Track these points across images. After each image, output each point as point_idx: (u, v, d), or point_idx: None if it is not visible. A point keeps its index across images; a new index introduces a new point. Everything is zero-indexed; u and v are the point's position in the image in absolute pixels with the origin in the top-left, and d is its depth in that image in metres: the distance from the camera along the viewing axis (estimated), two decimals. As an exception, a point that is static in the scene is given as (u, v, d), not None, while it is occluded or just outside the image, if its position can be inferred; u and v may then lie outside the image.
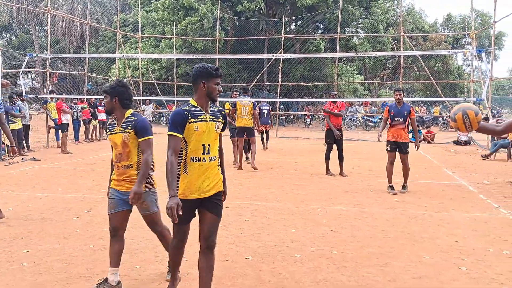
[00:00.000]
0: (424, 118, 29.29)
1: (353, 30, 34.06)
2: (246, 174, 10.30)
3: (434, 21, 40.02)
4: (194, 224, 3.68)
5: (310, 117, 30.26)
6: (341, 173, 10.31)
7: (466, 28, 30.17)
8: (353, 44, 31.97)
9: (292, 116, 31.60)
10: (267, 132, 15.85)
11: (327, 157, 10.50)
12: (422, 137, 19.71)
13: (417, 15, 37.25)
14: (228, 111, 11.74)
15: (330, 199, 7.74)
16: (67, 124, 14.84)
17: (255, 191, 8.29)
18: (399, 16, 24.98)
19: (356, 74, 39.34)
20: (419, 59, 24.20)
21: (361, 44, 31.02)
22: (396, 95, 8.85)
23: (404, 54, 23.49)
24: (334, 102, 10.63)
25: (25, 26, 40.29)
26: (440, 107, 31.89)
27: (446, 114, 29.29)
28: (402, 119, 8.65)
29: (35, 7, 31.14)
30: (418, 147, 8.68)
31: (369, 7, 30.62)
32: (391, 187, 8.59)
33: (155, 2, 32.46)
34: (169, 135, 3.45)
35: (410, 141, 9.05)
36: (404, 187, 8.64)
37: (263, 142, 15.77)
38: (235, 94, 11.94)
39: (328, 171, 10.44)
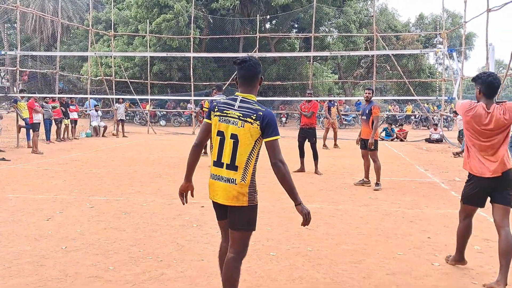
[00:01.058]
0: (397, 116, 29.73)
1: (327, 29, 34.31)
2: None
3: (407, 21, 40.67)
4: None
5: (285, 115, 30.36)
6: (316, 171, 10.39)
7: (438, 28, 30.71)
8: (327, 44, 32.20)
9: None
10: None
11: (300, 155, 10.69)
12: (395, 135, 20.02)
13: (390, 15, 37.76)
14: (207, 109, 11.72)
15: (305, 197, 7.76)
16: (39, 123, 14.56)
17: (230, 190, 8.26)
18: (372, 16, 25.27)
19: (331, 73, 39.66)
20: (392, 59, 24.56)
21: (335, 43, 31.28)
22: (366, 93, 9.04)
23: (377, 53, 23.81)
24: (308, 102, 10.76)
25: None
26: (413, 105, 32.45)
27: (418, 112, 29.82)
28: (365, 117, 8.84)
29: (3, 3, 30.38)
30: (370, 145, 8.71)
31: (343, 7, 30.89)
32: (364, 181, 8.97)
33: (128, -1, 32.06)
34: (278, 139, 3.17)
35: (382, 139, 9.18)
36: (377, 184, 8.74)
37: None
38: (215, 93, 11.89)
39: (299, 169, 10.56)
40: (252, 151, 3.16)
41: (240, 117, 3.12)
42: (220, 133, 3.19)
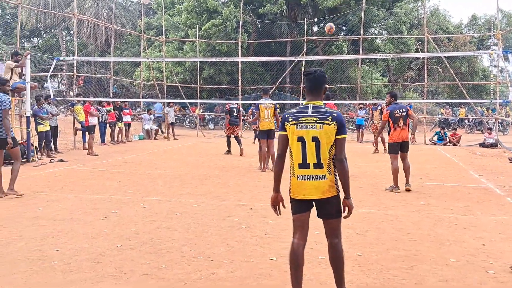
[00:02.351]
0: (449, 120, 28.86)
1: (376, 31, 33.77)
2: (269, 176, 10.32)
3: (459, 22, 39.40)
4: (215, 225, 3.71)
5: (333, 119, 30.09)
6: None
7: (492, 29, 29.63)
8: (376, 46, 31.70)
9: (315, 119, 31.48)
10: (236, 137, 14.93)
11: None
12: (448, 140, 19.46)
13: (441, 16, 36.73)
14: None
15: (354, 202, 7.61)
16: (94, 126, 15.14)
17: (278, 193, 8.31)
18: (423, 17, 24.70)
19: (380, 75, 39.00)
20: (444, 61, 23.89)
21: (384, 45, 30.74)
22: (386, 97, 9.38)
23: (428, 55, 23.22)
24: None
25: (52, 30, 41.14)
26: (466, 109, 31.37)
27: (471, 116, 28.82)
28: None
29: (61, 12, 31.78)
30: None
31: (392, 8, 30.33)
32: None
33: (179, 5, 32.79)
34: (346, 137, 3.66)
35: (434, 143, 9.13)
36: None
37: (229, 146, 14.96)
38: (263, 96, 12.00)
39: None
40: (331, 148, 3.59)
41: (317, 121, 3.56)
42: (300, 139, 3.58)
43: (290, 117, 3.63)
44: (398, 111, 8.91)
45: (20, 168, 8.45)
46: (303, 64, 23.16)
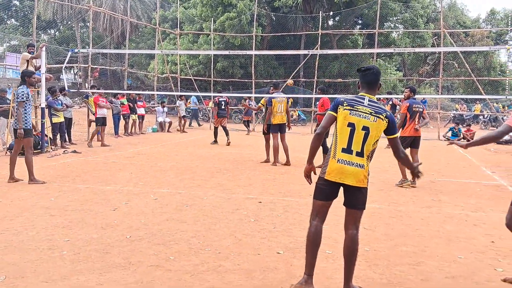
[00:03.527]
0: (464, 116, 28.53)
1: (392, 25, 33.42)
2: (280, 170, 10.35)
3: (477, 17, 38.85)
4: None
5: (347, 113, 29.94)
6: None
7: (510, 24, 29.16)
8: (392, 40, 31.39)
9: (328, 113, 31.32)
10: (224, 127, 15.80)
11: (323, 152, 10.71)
12: (462, 136, 19.26)
13: (458, 11, 36.24)
14: (261, 106, 12.08)
15: (364, 197, 7.68)
16: (103, 118, 14.92)
17: (288, 187, 8.33)
18: (440, 11, 24.39)
19: (395, 70, 38.64)
20: (460, 55, 23.60)
21: (401, 39, 30.45)
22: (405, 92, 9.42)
23: (444, 50, 22.97)
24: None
25: (68, 22, 41.49)
26: (481, 105, 30.97)
27: (487, 112, 28.45)
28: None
29: (78, 4, 32.03)
30: None
31: (409, 2, 29.99)
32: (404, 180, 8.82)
33: (194, -2, 32.83)
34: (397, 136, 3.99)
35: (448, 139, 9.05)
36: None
37: (216, 137, 15.91)
38: (272, 90, 11.94)
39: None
40: (375, 142, 3.77)
41: (372, 113, 3.71)
42: (351, 125, 3.72)
43: (345, 102, 3.77)
44: (417, 106, 8.93)
45: (34, 159, 8.68)
46: (317, 58, 23.04)
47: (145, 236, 5.25)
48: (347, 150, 3.71)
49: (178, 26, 26.67)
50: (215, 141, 15.87)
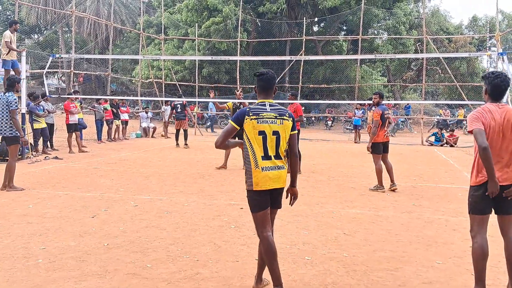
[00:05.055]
0: (448, 121, 28.82)
1: (375, 31, 33.72)
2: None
3: (459, 23, 39.36)
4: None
5: (332, 119, 30.09)
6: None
7: (492, 30, 29.59)
8: (376, 46, 31.65)
9: (313, 118, 31.43)
10: (185, 130, 16.44)
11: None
12: (445, 140, 19.44)
13: (441, 17, 36.67)
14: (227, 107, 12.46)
15: (345, 202, 7.71)
16: (75, 124, 14.39)
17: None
18: (423, 18, 24.67)
19: (380, 75, 38.95)
20: (443, 61, 23.87)
21: (384, 45, 30.71)
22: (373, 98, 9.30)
23: (425, 56, 23.20)
24: (290, 104, 10.78)
25: (52, 27, 41.13)
26: (465, 110, 31.32)
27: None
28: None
29: (62, 9, 31.79)
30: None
31: (392, 9, 30.30)
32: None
33: (179, 3, 32.76)
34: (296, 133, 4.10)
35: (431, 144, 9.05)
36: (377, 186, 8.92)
37: (177, 139, 16.41)
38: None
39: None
40: (287, 143, 3.90)
41: (277, 117, 3.81)
42: (261, 133, 3.78)
43: (250, 112, 3.80)
44: (387, 112, 8.99)
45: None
46: (302, 64, 23.13)
47: (123, 244, 5.19)
48: (266, 156, 3.78)
49: (163, 31, 26.59)
50: (177, 144, 16.42)
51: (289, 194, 4.03)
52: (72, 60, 18.62)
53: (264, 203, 3.84)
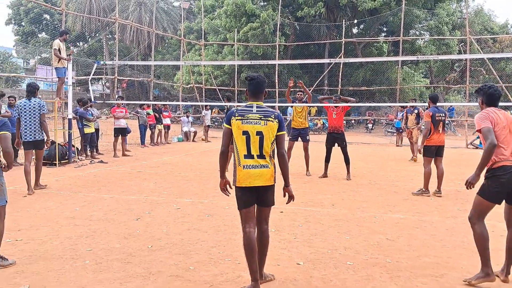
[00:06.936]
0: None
1: (417, 32, 33.03)
2: (303, 179, 10.30)
3: (505, 22, 38.05)
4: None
5: (372, 122, 29.66)
6: (348, 177, 10.35)
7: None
8: (417, 47, 31.00)
9: (353, 121, 31.09)
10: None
11: (325, 160, 10.64)
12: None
13: (485, 16, 35.57)
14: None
15: (388, 207, 7.59)
16: (120, 129, 14.96)
17: (310, 196, 8.28)
18: (466, 17, 24.02)
19: (422, 77, 38.10)
20: (487, 62, 23.15)
21: (426, 46, 30.03)
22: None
23: (469, 57, 22.55)
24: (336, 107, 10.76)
25: (97, 35, 42.43)
26: (510, 112, 30.25)
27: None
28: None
29: (106, 17, 32.75)
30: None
31: (434, 9, 29.62)
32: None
33: (219, 9, 33.17)
34: (285, 134, 4.28)
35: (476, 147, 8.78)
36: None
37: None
38: (300, 95, 12.16)
39: (323, 174, 10.58)
40: (273, 143, 4.05)
41: (262, 118, 4.01)
42: (245, 133, 3.99)
43: (237, 113, 4.04)
44: (439, 114, 8.76)
45: (62, 169, 8.95)
46: (341, 66, 22.94)
47: (166, 246, 5.30)
48: (248, 155, 3.98)
49: (203, 37, 26.96)
50: None
51: (286, 194, 4.23)
52: (116, 66, 19.15)
53: (247, 200, 4.05)
